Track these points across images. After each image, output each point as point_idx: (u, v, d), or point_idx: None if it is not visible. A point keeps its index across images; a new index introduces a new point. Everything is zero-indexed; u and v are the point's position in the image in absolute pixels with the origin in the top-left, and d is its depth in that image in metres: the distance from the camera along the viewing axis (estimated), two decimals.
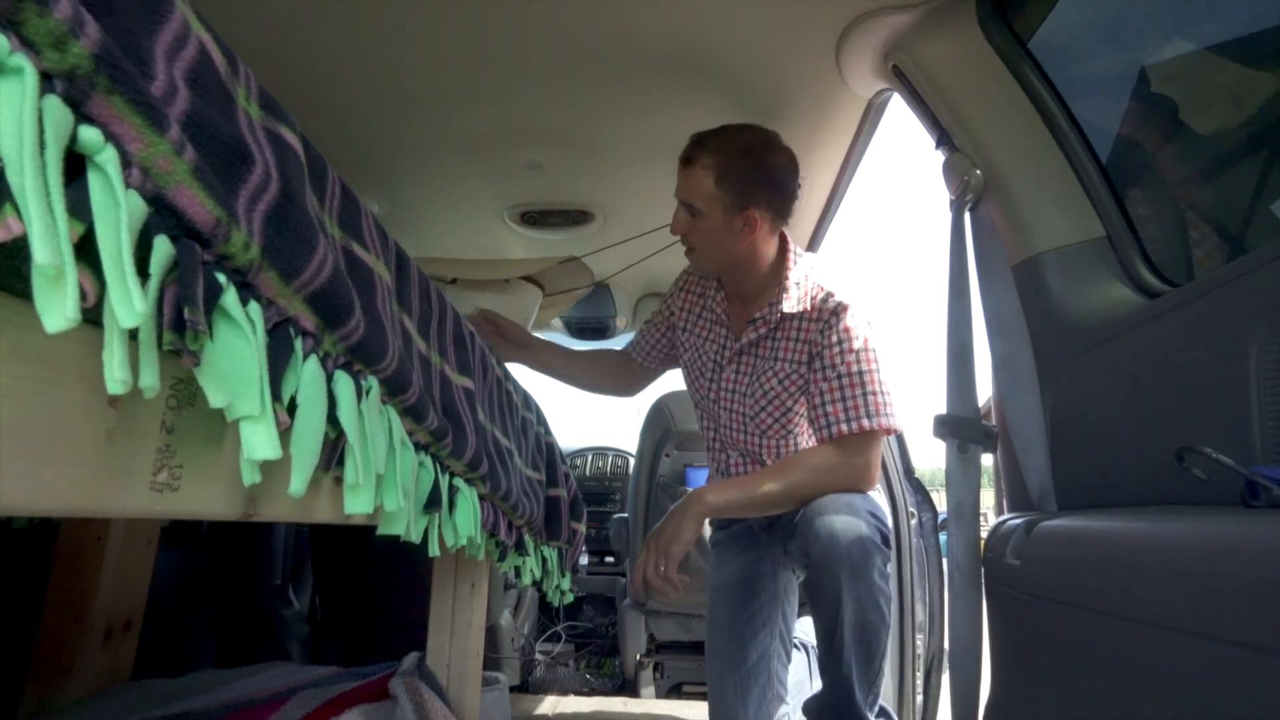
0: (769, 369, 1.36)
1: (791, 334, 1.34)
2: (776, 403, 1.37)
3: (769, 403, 1.38)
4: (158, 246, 0.34)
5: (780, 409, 1.37)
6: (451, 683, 1.12)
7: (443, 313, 0.81)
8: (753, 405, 1.39)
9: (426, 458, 0.72)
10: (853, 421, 1.24)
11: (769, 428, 1.40)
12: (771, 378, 1.36)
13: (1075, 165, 0.92)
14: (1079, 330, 0.88)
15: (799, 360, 1.33)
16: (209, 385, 0.38)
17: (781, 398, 1.36)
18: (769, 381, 1.37)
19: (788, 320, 1.34)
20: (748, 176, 1.26)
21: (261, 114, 0.47)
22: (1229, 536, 0.55)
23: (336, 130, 1.53)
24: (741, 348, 1.40)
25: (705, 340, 1.48)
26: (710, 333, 1.48)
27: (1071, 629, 0.72)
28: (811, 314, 1.32)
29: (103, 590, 1.10)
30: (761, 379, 1.37)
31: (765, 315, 1.35)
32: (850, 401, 1.25)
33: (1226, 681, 0.52)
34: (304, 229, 0.46)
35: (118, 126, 0.32)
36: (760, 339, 1.38)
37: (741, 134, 1.28)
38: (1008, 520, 0.90)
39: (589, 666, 2.75)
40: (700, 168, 1.27)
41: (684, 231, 1.33)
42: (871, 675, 1.18)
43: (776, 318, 1.34)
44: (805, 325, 1.32)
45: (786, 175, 1.30)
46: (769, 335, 1.37)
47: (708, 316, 1.49)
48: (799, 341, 1.33)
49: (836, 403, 1.25)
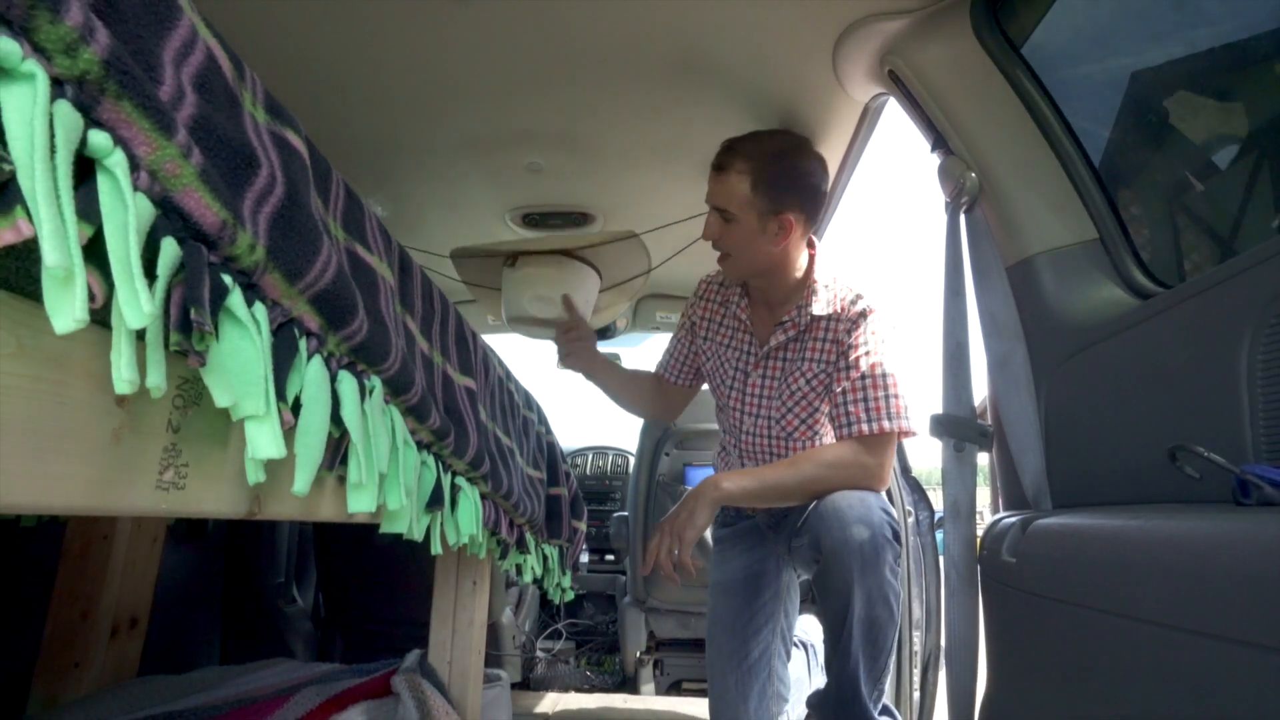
0: (797, 370, 1.37)
1: (820, 335, 1.35)
2: (805, 404, 1.38)
3: (796, 404, 1.38)
4: (165, 248, 0.35)
5: (808, 410, 1.38)
6: (453, 680, 1.13)
7: (445, 313, 0.82)
8: (779, 408, 1.40)
9: (429, 457, 0.72)
10: (874, 422, 1.25)
11: (795, 429, 1.40)
12: (800, 379, 1.37)
13: (1068, 168, 0.93)
14: (1073, 330, 0.89)
15: (828, 360, 1.34)
16: (215, 385, 0.39)
17: (810, 398, 1.37)
18: (797, 382, 1.37)
19: (817, 322, 1.35)
20: (782, 181, 1.27)
21: (267, 118, 0.47)
22: (1221, 534, 0.55)
23: (339, 132, 1.54)
24: (769, 352, 1.41)
25: (728, 348, 1.48)
26: (733, 340, 1.48)
27: (1067, 625, 0.72)
28: (841, 315, 1.33)
29: (109, 588, 1.11)
30: (790, 381, 1.38)
31: (794, 318, 1.36)
32: (873, 402, 1.26)
33: (1219, 677, 0.53)
34: (308, 231, 0.47)
35: (127, 131, 0.32)
36: (788, 341, 1.39)
37: (774, 139, 1.29)
38: (1003, 518, 0.90)
39: (589, 664, 2.76)
40: (735, 173, 1.27)
41: (717, 236, 1.33)
42: (877, 671, 1.19)
43: (806, 320, 1.35)
44: (834, 326, 1.33)
45: (819, 179, 1.31)
46: (797, 338, 1.38)
47: (730, 324, 1.49)
48: (828, 342, 1.34)
49: (859, 402, 1.26)
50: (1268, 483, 0.59)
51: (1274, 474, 0.59)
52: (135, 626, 1.17)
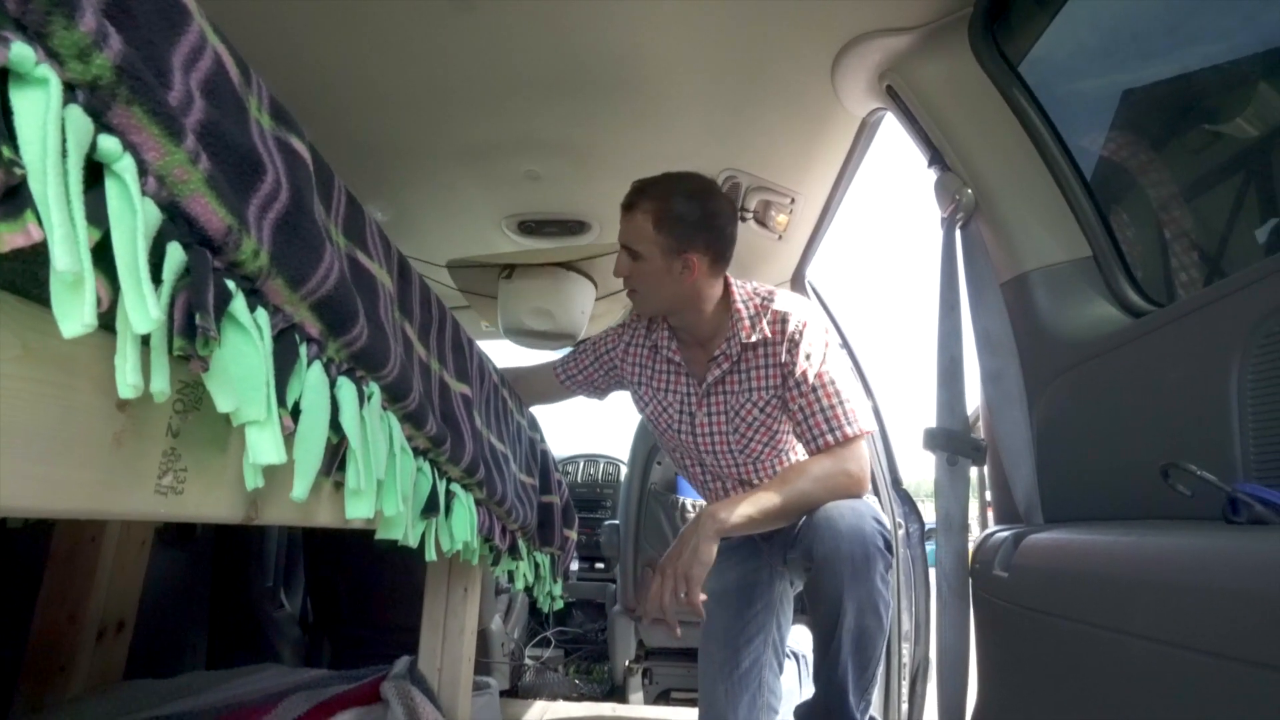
0: (746, 400, 1.38)
1: (759, 362, 1.37)
2: (763, 429, 1.39)
3: (755, 431, 1.39)
4: (170, 253, 0.35)
5: (768, 433, 1.40)
6: (443, 687, 1.12)
7: (442, 319, 0.82)
8: (739, 440, 1.41)
9: (425, 463, 0.72)
10: (837, 431, 1.27)
11: (760, 453, 1.42)
12: (751, 408, 1.38)
13: (1063, 185, 0.94)
14: (1065, 347, 0.89)
15: (774, 384, 1.36)
16: (217, 390, 0.39)
17: (767, 423, 1.39)
18: (750, 413, 1.38)
19: (750, 350, 1.37)
20: (686, 221, 1.29)
21: (273, 124, 0.48)
22: (1212, 551, 0.56)
23: (337, 136, 1.54)
24: (708, 388, 1.42)
25: (667, 391, 1.49)
26: (670, 382, 1.49)
27: (1058, 640, 0.73)
28: (776, 339, 1.34)
29: (96, 591, 1.10)
30: (742, 412, 1.39)
31: (725, 350, 1.38)
32: (830, 412, 1.28)
33: (1210, 693, 0.53)
34: (312, 237, 0.47)
35: (136, 136, 0.32)
36: (725, 374, 1.40)
37: (682, 181, 1.32)
38: (996, 532, 0.91)
39: (578, 672, 2.75)
40: (640, 213, 1.31)
41: (625, 274, 1.36)
42: (865, 682, 1.19)
43: (737, 351, 1.37)
44: (771, 350, 1.35)
45: (725, 221, 1.33)
46: (733, 369, 1.39)
47: (663, 367, 1.50)
48: (770, 367, 1.36)
49: (818, 414, 1.28)
50: (1259, 501, 0.60)
51: (1265, 493, 0.60)
52: (121, 630, 1.16)
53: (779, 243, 1.88)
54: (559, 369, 1.63)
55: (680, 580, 1.17)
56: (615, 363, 1.56)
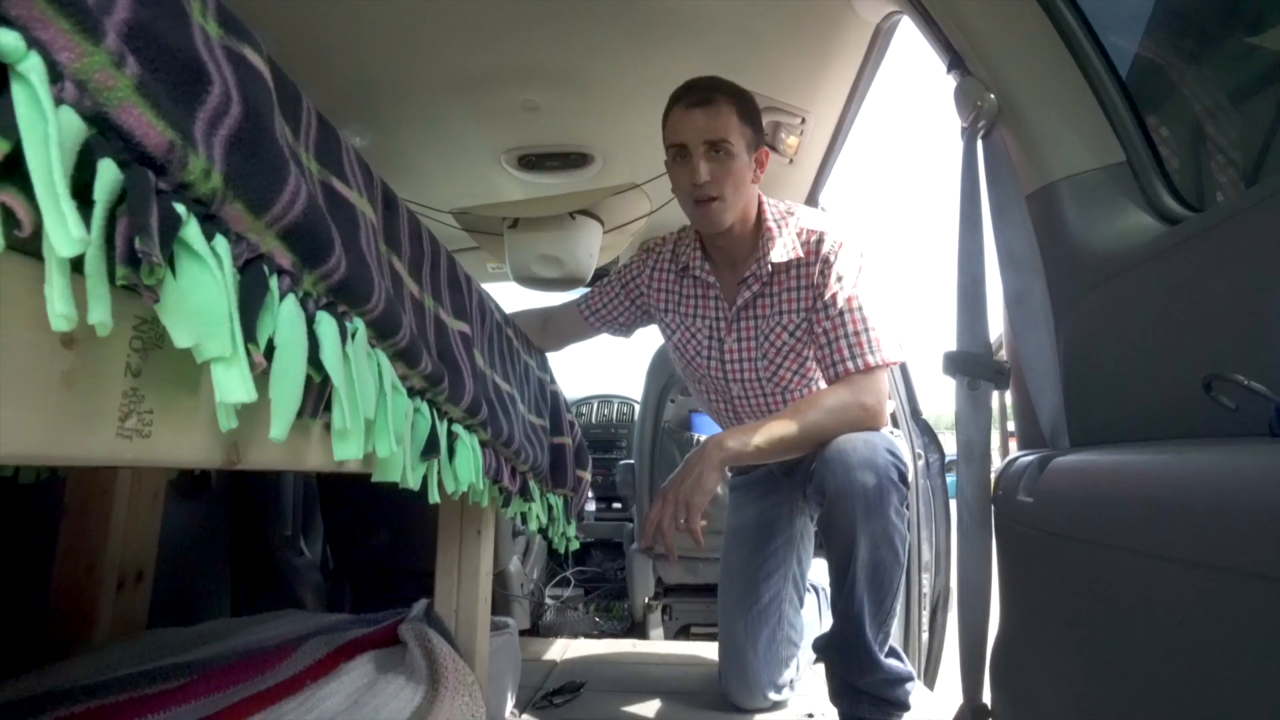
0: (776, 324, 1.33)
1: (790, 283, 1.31)
2: (793, 355, 1.34)
3: (785, 358, 1.34)
4: (102, 170, 0.32)
5: (798, 359, 1.34)
6: (460, 628, 1.12)
7: (435, 255, 0.78)
8: (768, 366, 1.36)
9: (422, 403, 0.70)
10: (859, 358, 1.22)
11: (789, 381, 1.37)
12: (781, 332, 1.33)
13: (1096, 87, 0.87)
14: (1096, 260, 0.84)
15: (806, 306, 1.30)
16: (173, 324, 0.36)
17: (796, 348, 1.33)
18: (779, 337, 1.33)
19: (781, 270, 1.31)
20: (756, 112, 1.24)
21: (221, 32, 0.43)
22: (1256, 467, 0.52)
23: (315, 66, 1.45)
24: (738, 311, 1.36)
25: (696, 316, 1.43)
26: (699, 307, 1.42)
27: (1085, 566, 0.70)
28: (809, 258, 1.28)
29: (112, 542, 1.11)
30: (771, 336, 1.34)
31: (755, 271, 1.31)
32: (854, 339, 1.23)
33: (1247, 615, 0.51)
34: (273, 158, 0.43)
35: (42, 31, 0.28)
36: (755, 296, 1.34)
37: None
38: (1019, 457, 0.88)
39: (598, 610, 2.80)
40: (724, 104, 1.22)
41: (709, 177, 1.24)
42: (883, 614, 1.18)
43: (768, 272, 1.31)
44: (804, 271, 1.29)
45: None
46: (764, 291, 1.33)
47: (692, 290, 1.43)
48: (802, 289, 1.30)
49: (841, 340, 1.23)
50: None
51: None
52: (141, 580, 1.17)
53: (790, 167, 1.81)
54: (583, 306, 1.56)
55: (680, 506, 1.14)
56: (641, 290, 1.50)
